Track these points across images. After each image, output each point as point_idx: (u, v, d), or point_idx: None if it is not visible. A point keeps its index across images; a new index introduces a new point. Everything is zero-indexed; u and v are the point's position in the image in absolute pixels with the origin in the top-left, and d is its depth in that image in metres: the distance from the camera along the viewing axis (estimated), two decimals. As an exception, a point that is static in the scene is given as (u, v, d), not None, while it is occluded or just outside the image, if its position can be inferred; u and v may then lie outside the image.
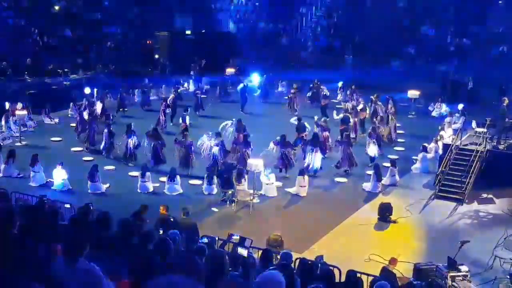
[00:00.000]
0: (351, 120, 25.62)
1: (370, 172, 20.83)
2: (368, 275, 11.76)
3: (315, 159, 21.30)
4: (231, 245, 13.05)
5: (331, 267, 11.69)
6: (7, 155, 20.69)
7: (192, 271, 5.22)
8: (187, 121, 25.17)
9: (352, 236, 16.83)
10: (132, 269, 5.59)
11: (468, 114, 28.16)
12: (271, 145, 21.48)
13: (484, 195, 19.96)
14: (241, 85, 32.16)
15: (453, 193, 19.77)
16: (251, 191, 18.63)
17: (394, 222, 17.73)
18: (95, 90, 30.44)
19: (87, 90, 30.29)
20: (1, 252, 4.56)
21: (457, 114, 28.77)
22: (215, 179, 19.37)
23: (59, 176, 19.30)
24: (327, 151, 23.22)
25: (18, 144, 24.02)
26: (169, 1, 45.77)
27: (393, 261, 13.34)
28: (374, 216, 17.92)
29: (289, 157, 21.28)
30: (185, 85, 36.54)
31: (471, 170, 20.09)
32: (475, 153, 20.57)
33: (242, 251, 11.56)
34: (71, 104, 29.53)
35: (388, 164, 21.58)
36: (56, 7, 40.48)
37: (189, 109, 27.32)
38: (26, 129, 25.95)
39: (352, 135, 24.29)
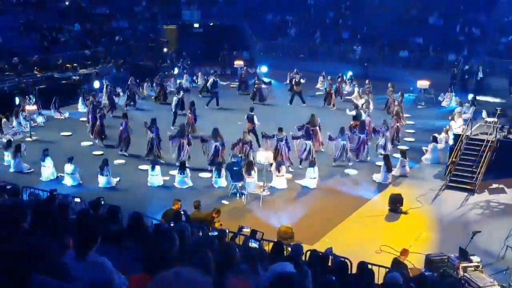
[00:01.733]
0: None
1: (380, 163, 20.77)
2: (379, 266, 11.74)
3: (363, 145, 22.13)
4: (242, 238, 13.06)
5: (342, 259, 11.68)
6: (14, 150, 20.79)
7: (201, 263, 5.22)
8: (256, 121, 23.35)
9: (363, 227, 16.81)
10: (145, 261, 5.60)
11: (478, 104, 28.03)
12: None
13: (495, 185, 19.89)
14: (210, 80, 31.53)
15: (464, 184, 19.70)
16: (261, 184, 18.63)
17: (405, 213, 17.69)
18: (105, 84, 30.49)
19: (96, 84, 30.40)
20: (12, 246, 4.57)
21: (467, 104, 28.63)
22: (224, 172, 19.37)
23: (70, 170, 19.36)
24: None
25: (29, 139, 24.12)
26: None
27: (404, 252, 13.32)
28: (385, 207, 17.89)
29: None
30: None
31: (482, 160, 20.00)
32: (485, 143, 20.47)
33: (253, 245, 11.54)
34: (80, 98, 29.63)
35: (398, 155, 21.53)
36: (67, 2, 40.55)
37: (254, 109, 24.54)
38: (36, 124, 26.05)
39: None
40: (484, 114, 24.41)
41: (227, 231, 13.08)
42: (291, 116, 26.23)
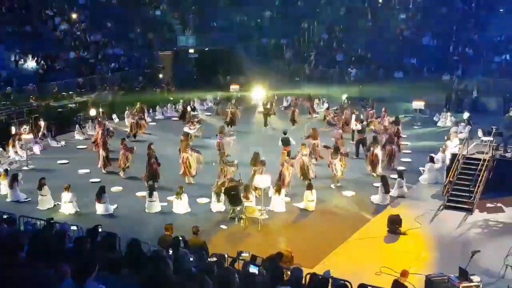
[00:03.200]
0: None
1: (378, 184, 20.77)
2: (379, 288, 11.69)
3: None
4: (241, 263, 12.97)
5: (342, 281, 11.60)
6: (10, 179, 20.72)
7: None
8: (292, 141, 23.62)
9: (362, 249, 16.74)
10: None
11: (473, 123, 28.12)
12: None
13: (493, 204, 19.87)
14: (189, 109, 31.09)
15: (462, 203, 19.66)
16: (260, 207, 18.58)
17: (404, 234, 17.62)
18: (101, 111, 30.50)
19: (92, 112, 30.43)
20: (10, 275, 4.56)
21: (462, 124, 28.75)
22: (223, 196, 19.33)
23: (67, 198, 19.30)
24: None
25: (25, 168, 24.05)
26: (171, 20, 46.18)
27: (404, 273, 13.24)
28: (384, 229, 17.83)
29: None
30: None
31: (479, 179, 19.99)
32: (482, 161, 20.48)
33: (253, 270, 11.41)
34: (77, 126, 29.64)
35: (395, 176, 21.53)
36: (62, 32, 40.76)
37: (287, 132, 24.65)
38: (32, 153, 26.00)
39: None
40: (480, 133, 24.47)
41: (226, 256, 13.01)
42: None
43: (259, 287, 9.53)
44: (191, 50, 43.96)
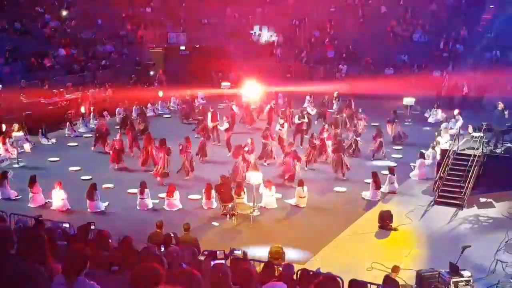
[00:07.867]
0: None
1: (369, 180, 20.81)
2: (371, 284, 11.72)
3: None
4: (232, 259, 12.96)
5: (333, 277, 11.62)
6: (0, 176, 20.60)
7: (192, 285, 5.20)
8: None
9: (354, 245, 16.81)
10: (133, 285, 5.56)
11: (464, 119, 28.21)
12: None
13: (484, 199, 19.96)
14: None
15: (452, 199, 19.77)
16: (251, 204, 18.60)
17: (395, 229, 17.71)
18: (91, 108, 30.39)
19: (83, 109, 30.31)
20: (0, 273, 4.54)
21: (453, 120, 28.82)
22: (214, 193, 19.32)
23: (58, 196, 19.24)
24: None
25: (16, 165, 23.94)
26: (162, 16, 46.07)
27: (395, 269, 13.31)
28: (375, 225, 17.90)
29: None
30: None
31: (470, 174, 20.09)
32: (472, 157, 20.57)
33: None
34: (68, 123, 29.50)
35: (386, 172, 21.59)
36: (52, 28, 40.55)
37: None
38: (23, 150, 25.87)
39: None
40: (470, 129, 24.56)
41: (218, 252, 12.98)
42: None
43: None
44: (182, 47, 43.86)
